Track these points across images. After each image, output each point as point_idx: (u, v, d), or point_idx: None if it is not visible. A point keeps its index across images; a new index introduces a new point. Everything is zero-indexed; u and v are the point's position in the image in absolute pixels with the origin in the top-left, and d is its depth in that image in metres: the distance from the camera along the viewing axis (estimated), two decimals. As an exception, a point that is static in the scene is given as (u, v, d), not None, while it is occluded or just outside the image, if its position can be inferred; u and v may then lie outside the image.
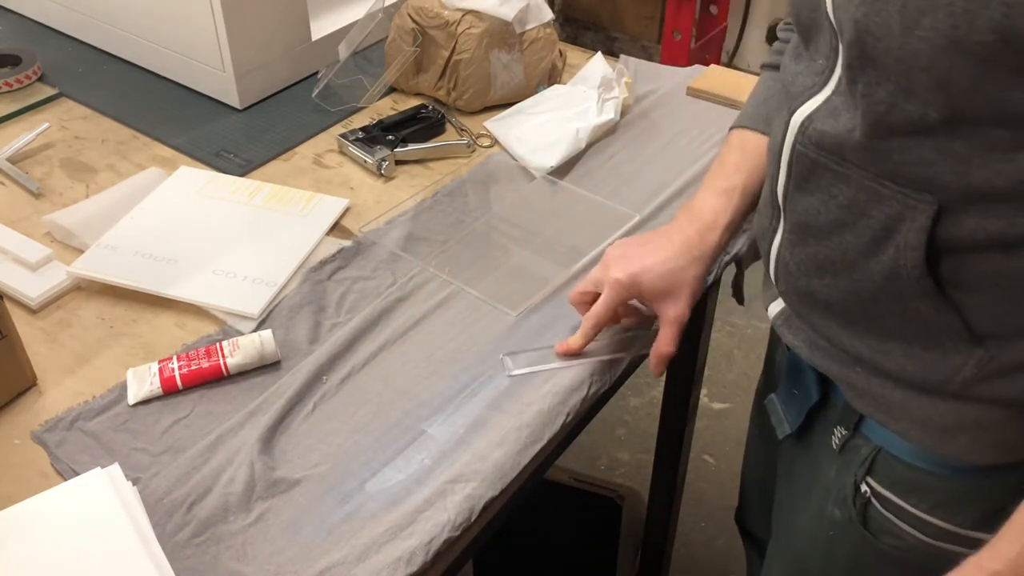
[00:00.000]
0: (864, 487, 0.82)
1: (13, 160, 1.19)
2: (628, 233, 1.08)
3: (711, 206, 0.91)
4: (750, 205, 0.92)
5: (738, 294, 1.12)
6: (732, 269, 1.12)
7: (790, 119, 0.74)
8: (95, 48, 1.45)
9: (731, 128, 0.95)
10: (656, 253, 0.89)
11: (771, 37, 3.19)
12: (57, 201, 1.13)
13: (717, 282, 1.09)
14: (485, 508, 0.79)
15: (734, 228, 0.92)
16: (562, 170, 1.18)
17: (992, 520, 0.73)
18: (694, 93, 1.33)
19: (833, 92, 0.71)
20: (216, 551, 0.74)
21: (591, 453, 2.09)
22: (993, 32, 0.56)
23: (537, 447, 0.84)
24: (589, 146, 1.22)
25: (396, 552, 0.74)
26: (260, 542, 0.75)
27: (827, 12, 0.68)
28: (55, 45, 1.46)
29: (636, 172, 1.19)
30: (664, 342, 0.90)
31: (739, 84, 1.32)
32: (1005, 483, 0.75)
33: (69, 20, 1.47)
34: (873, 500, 0.82)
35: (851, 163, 0.69)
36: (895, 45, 0.61)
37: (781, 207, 0.79)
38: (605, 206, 1.12)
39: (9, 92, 1.31)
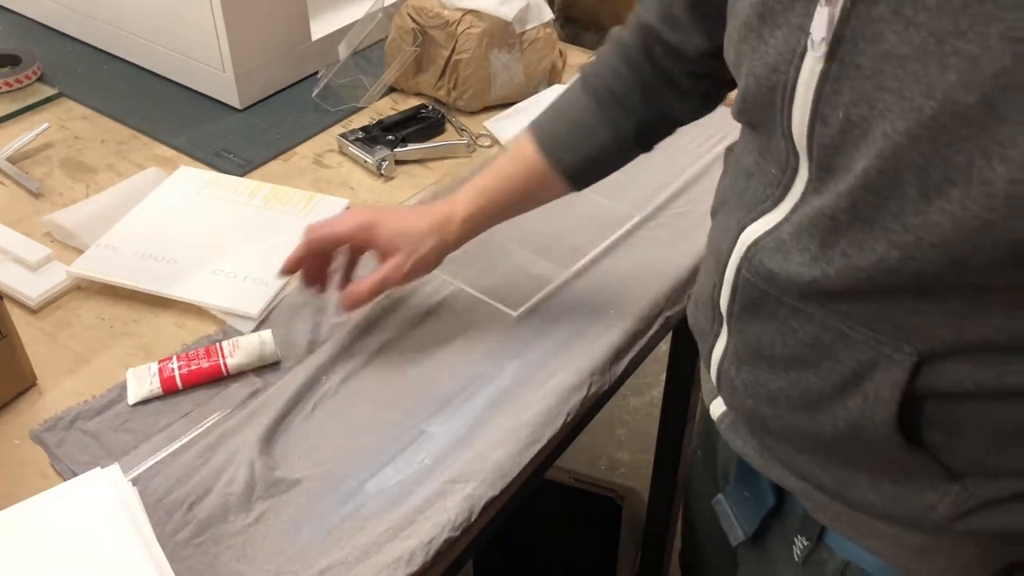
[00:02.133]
0: None
1: (13, 160, 1.19)
2: (628, 233, 1.08)
3: (463, 196, 0.88)
4: (502, 207, 0.88)
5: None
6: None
7: (739, 235, 0.65)
8: (95, 48, 1.45)
9: (528, 125, 0.89)
10: (397, 214, 0.88)
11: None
12: (57, 201, 1.13)
13: (717, 282, 1.09)
14: (485, 508, 0.79)
15: (474, 223, 0.88)
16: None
17: None
18: (694, 93, 1.33)
19: (784, 220, 0.61)
20: (216, 551, 0.74)
21: (591, 453, 2.09)
22: None
23: (537, 447, 0.84)
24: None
25: (396, 552, 0.74)
26: (260, 542, 0.75)
27: (783, 127, 0.58)
28: (55, 45, 1.46)
29: (636, 172, 1.18)
30: (363, 286, 0.85)
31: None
32: None
33: (69, 20, 1.47)
34: None
35: (814, 303, 0.60)
36: (908, 211, 0.51)
37: (724, 319, 0.69)
38: (605, 206, 1.12)
39: (9, 92, 1.31)
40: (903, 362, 0.57)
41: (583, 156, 0.86)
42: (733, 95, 0.67)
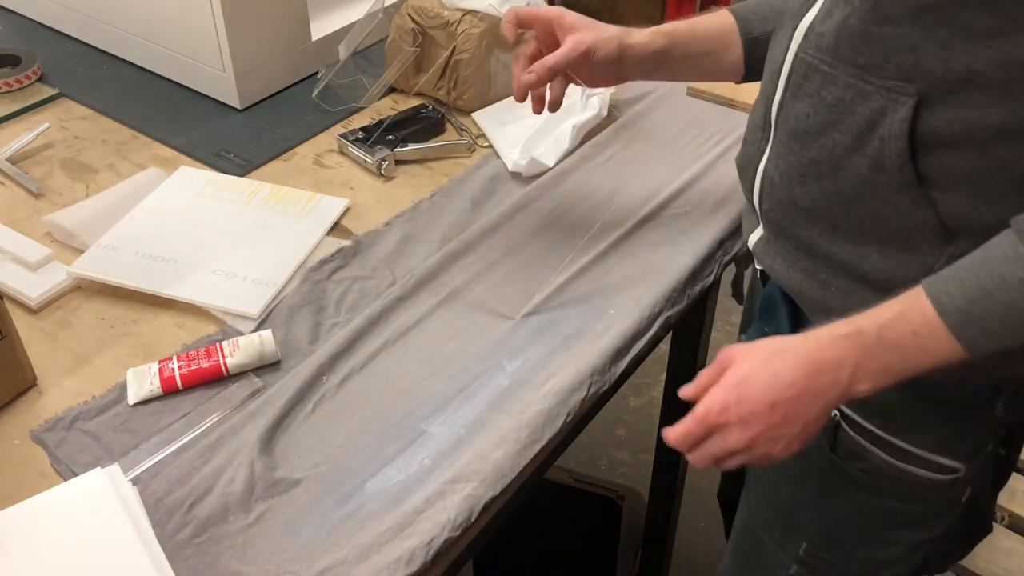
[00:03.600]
0: (834, 411, 0.85)
1: (13, 160, 1.19)
2: (628, 233, 1.08)
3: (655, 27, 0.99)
4: (685, 41, 0.98)
5: (738, 294, 1.12)
6: (732, 269, 1.12)
7: (793, 33, 0.79)
8: (95, 48, 1.45)
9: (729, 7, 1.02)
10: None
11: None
12: (57, 201, 1.13)
13: (717, 282, 1.09)
14: (485, 508, 0.79)
15: (660, 40, 0.97)
16: (563, 170, 1.18)
17: (950, 445, 0.83)
18: (694, 93, 1.33)
19: None
20: (216, 551, 0.74)
21: (591, 453, 2.09)
22: None
23: (537, 447, 0.84)
24: (583, 143, 1.22)
25: (396, 552, 0.74)
26: (260, 542, 0.75)
27: None
28: (55, 45, 1.46)
29: (636, 172, 1.19)
30: (547, 60, 0.92)
31: (739, 84, 1.32)
32: (961, 410, 0.82)
33: (69, 20, 1.47)
34: (843, 424, 0.86)
35: (840, 62, 0.74)
36: None
37: (773, 122, 0.83)
38: (605, 206, 1.12)
39: (9, 92, 1.31)
40: (907, 103, 0.70)
41: (767, 31, 0.95)
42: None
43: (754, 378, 0.72)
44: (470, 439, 0.84)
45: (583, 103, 1.24)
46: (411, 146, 1.20)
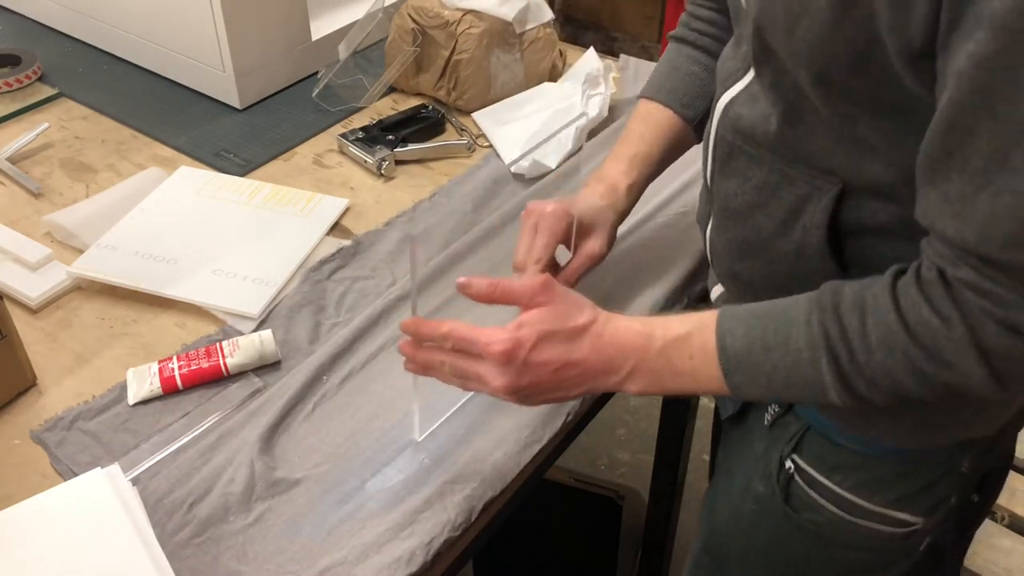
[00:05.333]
0: (788, 463, 0.84)
1: (13, 160, 1.19)
2: (628, 233, 1.08)
3: (615, 170, 0.94)
4: (653, 170, 0.95)
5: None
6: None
7: (716, 104, 0.78)
8: (95, 48, 1.45)
9: (638, 97, 0.98)
10: (576, 198, 0.92)
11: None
12: (57, 201, 1.13)
13: (717, 282, 1.10)
14: (485, 508, 0.79)
15: (636, 191, 0.94)
16: (565, 171, 1.17)
17: (909, 500, 0.80)
18: (694, 93, 1.33)
19: (754, 78, 0.73)
20: (216, 551, 0.74)
21: (591, 453, 2.09)
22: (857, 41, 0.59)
23: (537, 447, 0.84)
24: (582, 146, 1.22)
25: (396, 552, 0.74)
26: (260, 542, 0.75)
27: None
28: (55, 45, 1.46)
29: (636, 172, 1.18)
30: (571, 272, 0.91)
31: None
32: (923, 468, 0.80)
33: (69, 20, 1.47)
34: (796, 476, 0.84)
35: (764, 147, 0.72)
36: (783, 41, 0.64)
37: (712, 194, 0.82)
38: (605, 206, 1.12)
39: (9, 92, 1.32)
40: (830, 192, 0.69)
41: (707, 104, 0.91)
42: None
43: (555, 337, 0.71)
44: (470, 439, 0.84)
45: (584, 105, 1.23)
46: (411, 146, 1.21)
